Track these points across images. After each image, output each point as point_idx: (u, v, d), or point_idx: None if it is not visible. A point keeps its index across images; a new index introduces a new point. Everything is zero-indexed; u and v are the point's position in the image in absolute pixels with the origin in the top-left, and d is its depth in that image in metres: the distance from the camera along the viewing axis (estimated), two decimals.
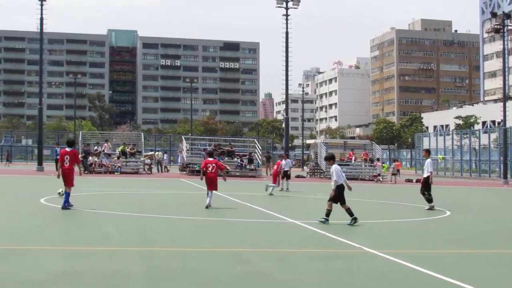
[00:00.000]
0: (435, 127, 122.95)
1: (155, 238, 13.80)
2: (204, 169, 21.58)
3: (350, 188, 17.55)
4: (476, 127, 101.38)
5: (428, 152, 24.92)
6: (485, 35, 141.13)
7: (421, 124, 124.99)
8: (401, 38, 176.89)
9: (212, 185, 21.15)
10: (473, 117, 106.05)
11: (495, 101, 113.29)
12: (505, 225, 19.38)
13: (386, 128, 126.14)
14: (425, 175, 23.66)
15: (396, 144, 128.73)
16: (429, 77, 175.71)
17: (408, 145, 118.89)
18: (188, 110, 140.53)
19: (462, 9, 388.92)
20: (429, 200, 23.11)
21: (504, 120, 64.40)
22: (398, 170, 69.05)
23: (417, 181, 53.68)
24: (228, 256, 11.69)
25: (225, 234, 14.92)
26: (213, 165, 21.46)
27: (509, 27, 65.44)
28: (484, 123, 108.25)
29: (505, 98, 65.91)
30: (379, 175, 51.50)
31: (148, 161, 54.07)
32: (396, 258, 11.73)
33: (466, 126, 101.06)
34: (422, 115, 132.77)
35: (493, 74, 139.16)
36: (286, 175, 33.10)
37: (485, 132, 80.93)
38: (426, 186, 23.30)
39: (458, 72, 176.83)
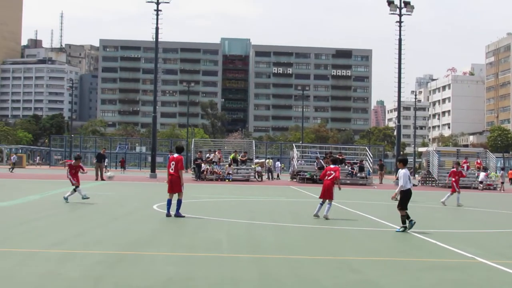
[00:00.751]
0: None
1: (266, 245, 13.94)
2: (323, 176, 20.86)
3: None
4: None
5: None
6: None
7: None
8: None
9: (327, 193, 20.34)
10: None
11: None
12: None
13: (501, 135, 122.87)
14: None
15: (511, 153, 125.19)
16: None
17: None
18: (299, 118, 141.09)
19: None
20: None
21: None
22: (511, 179, 67.24)
23: None
24: (339, 264, 11.75)
25: (335, 242, 14.98)
26: (332, 172, 20.45)
27: None
28: None
29: None
30: (502, 183, 51.18)
31: (258, 168, 54.58)
32: (509, 268, 11.51)
33: None
34: None
35: None
36: None
37: None
38: None
39: None
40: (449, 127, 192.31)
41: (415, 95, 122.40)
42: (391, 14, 58.57)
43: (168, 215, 18.92)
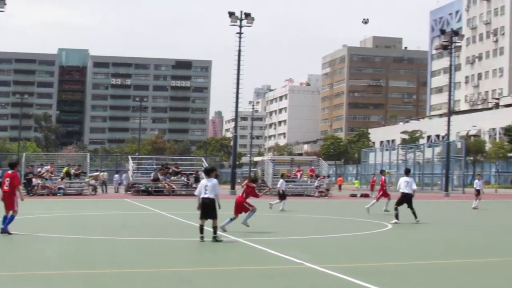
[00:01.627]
0: (381, 142, 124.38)
1: (97, 260, 13.68)
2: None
3: None
4: (422, 141, 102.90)
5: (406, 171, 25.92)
6: (434, 51, 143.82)
7: (368, 140, 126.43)
8: (352, 55, 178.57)
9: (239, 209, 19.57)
10: (419, 132, 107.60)
11: (441, 116, 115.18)
12: (444, 237, 19.74)
13: (334, 144, 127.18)
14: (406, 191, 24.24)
15: (343, 160, 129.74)
16: (378, 93, 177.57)
17: (355, 161, 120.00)
18: (136, 129, 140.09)
19: (413, 26, 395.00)
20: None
21: (448, 134, 65.59)
22: (340, 185, 70.05)
23: (362, 195, 54.47)
24: (171, 276, 11.74)
25: (168, 254, 14.88)
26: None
27: (457, 44, 66.87)
28: (429, 137, 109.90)
29: (450, 113, 67.13)
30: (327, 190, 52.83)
31: (92, 181, 53.55)
32: (336, 272, 11.85)
33: (411, 141, 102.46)
34: (370, 130, 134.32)
35: (439, 90, 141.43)
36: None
37: (429, 146, 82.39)
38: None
39: (406, 88, 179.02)
40: (284, 137, 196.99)
41: (253, 105, 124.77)
42: (232, 25, 59.17)
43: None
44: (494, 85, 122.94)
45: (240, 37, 58.84)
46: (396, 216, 23.79)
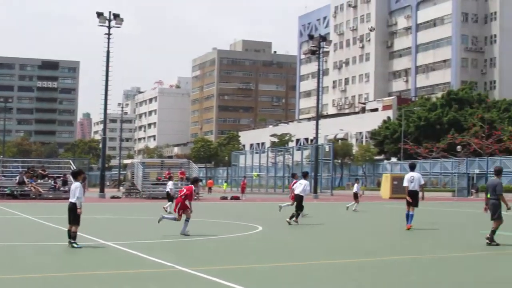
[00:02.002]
0: (251, 145, 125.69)
1: None
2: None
3: None
4: (291, 144, 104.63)
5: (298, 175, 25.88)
6: (302, 56, 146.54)
7: (238, 143, 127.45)
8: (222, 58, 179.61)
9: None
10: (288, 135, 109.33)
11: (309, 119, 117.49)
12: (314, 237, 20.07)
13: (204, 147, 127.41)
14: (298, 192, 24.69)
15: (213, 163, 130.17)
16: (248, 96, 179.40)
17: (225, 163, 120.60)
18: (1, 131, 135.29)
19: (282, 31, 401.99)
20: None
21: (316, 138, 66.91)
22: (210, 188, 70.31)
23: (232, 198, 54.81)
24: (38, 281, 11.35)
25: (35, 259, 14.31)
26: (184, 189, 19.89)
27: (325, 49, 68.24)
28: (298, 140, 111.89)
29: (318, 117, 68.47)
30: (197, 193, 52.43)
31: None
32: (206, 274, 11.78)
33: (281, 143, 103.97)
34: (240, 133, 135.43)
35: (308, 94, 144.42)
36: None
37: (298, 149, 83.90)
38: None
39: (276, 92, 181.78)
40: (154, 139, 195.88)
41: (122, 107, 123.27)
42: (100, 26, 58.01)
43: None
44: (361, 90, 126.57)
45: (108, 38, 57.82)
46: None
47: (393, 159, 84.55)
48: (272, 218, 28.58)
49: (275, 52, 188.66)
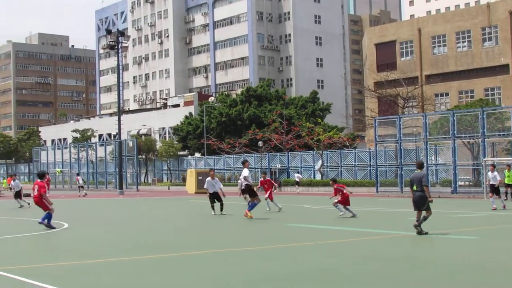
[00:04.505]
0: (53, 140, 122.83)
1: None
2: None
3: None
4: (93, 140, 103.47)
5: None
6: (101, 51, 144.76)
7: (39, 138, 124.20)
8: (18, 52, 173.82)
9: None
10: (90, 130, 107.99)
11: (111, 114, 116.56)
12: (123, 234, 20.45)
13: (3, 142, 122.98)
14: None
15: (14, 159, 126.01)
16: (47, 91, 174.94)
17: (27, 159, 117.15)
18: None
19: (79, 25, 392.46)
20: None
21: (119, 133, 66.75)
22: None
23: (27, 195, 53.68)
24: None
25: None
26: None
27: (123, 44, 68.01)
28: (100, 136, 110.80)
29: (120, 112, 68.28)
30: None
31: None
32: (11, 274, 11.74)
33: (83, 139, 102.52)
34: (40, 129, 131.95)
35: (109, 89, 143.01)
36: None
37: (101, 145, 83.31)
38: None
39: (76, 87, 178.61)
40: None
41: None
42: None
43: None
44: (161, 85, 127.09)
45: None
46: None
47: (197, 155, 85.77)
48: (81, 215, 28.62)
49: (73, 46, 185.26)
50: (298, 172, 65.46)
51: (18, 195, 35.55)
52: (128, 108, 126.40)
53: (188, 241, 18.33)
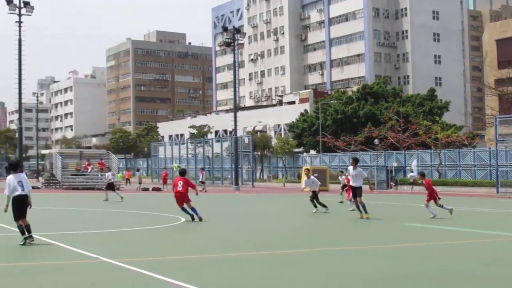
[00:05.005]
0: (170, 136, 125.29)
1: None
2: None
3: None
4: (210, 136, 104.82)
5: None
6: (217, 48, 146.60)
7: (157, 134, 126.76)
8: (137, 49, 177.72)
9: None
10: (207, 127, 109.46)
11: (227, 111, 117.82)
12: (236, 230, 20.49)
13: (122, 137, 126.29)
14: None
15: (132, 154, 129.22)
16: (164, 87, 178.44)
17: (145, 154, 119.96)
18: None
19: (196, 22, 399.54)
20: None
21: (235, 129, 67.35)
22: (127, 179, 69.96)
23: (154, 189, 54.81)
24: None
25: None
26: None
27: (239, 42, 68.57)
28: (217, 132, 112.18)
29: (236, 109, 68.91)
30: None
31: None
32: (131, 266, 11.89)
33: (200, 135, 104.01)
34: (158, 124, 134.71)
35: (225, 86, 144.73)
36: None
37: (217, 141, 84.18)
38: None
39: (192, 83, 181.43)
40: (72, 129, 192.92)
41: (37, 97, 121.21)
42: (10, 13, 57.17)
43: None
44: (277, 82, 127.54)
45: (20, 26, 57.01)
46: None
47: (312, 152, 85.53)
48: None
49: (189, 43, 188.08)
50: (412, 172, 64.30)
51: (111, 186, 36.27)
52: (244, 105, 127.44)
53: (304, 238, 18.20)
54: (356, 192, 24.00)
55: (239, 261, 13.20)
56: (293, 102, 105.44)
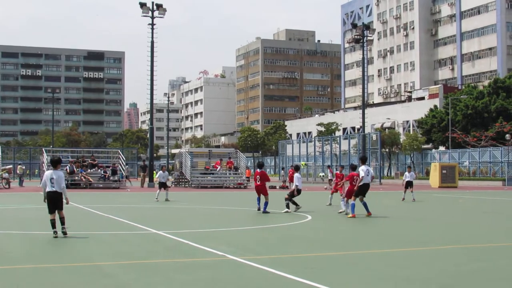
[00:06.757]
0: (298, 134, 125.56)
1: (13, 255, 13.34)
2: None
3: None
4: (337, 133, 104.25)
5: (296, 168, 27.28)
6: (346, 45, 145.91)
7: (285, 132, 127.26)
8: (266, 48, 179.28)
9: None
10: (334, 124, 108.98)
11: (355, 108, 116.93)
12: (361, 228, 20.01)
13: (251, 136, 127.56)
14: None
15: (260, 152, 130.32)
16: (293, 85, 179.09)
17: (272, 153, 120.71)
18: (50, 121, 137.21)
19: (325, 19, 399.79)
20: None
21: (363, 126, 66.60)
22: (248, 177, 70.26)
23: (281, 187, 54.69)
24: (91, 270, 11.47)
25: (87, 248, 14.46)
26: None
27: (369, 38, 67.76)
28: (344, 129, 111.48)
29: (364, 106, 68.13)
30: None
31: (6, 175, 52.10)
32: (258, 264, 11.85)
33: (327, 133, 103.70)
34: (286, 122, 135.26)
35: (353, 83, 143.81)
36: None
37: (345, 138, 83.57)
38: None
39: (321, 81, 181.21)
40: (201, 129, 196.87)
41: (168, 97, 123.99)
42: (144, 16, 58.67)
43: None
44: (406, 78, 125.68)
45: (152, 28, 58.44)
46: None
47: (441, 148, 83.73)
48: (320, 207, 28.64)
49: (318, 41, 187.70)
50: None
51: (163, 185, 35.31)
52: (372, 102, 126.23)
53: (438, 235, 17.52)
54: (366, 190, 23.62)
55: (363, 259, 12.75)
56: (422, 98, 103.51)
